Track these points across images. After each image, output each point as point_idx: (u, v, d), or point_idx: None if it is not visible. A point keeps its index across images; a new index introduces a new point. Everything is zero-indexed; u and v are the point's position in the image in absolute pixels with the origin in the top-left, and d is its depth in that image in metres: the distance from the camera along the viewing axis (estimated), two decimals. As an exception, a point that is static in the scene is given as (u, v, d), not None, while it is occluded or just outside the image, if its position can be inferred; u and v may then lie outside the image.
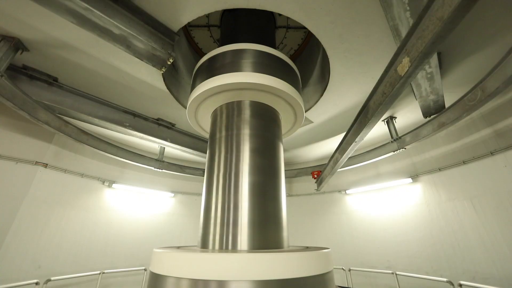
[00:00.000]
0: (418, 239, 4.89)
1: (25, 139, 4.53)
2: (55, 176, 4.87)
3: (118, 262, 5.39)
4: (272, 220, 2.44)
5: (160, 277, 1.90)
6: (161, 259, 1.98)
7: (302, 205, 7.35)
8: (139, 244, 5.92)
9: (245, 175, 2.55)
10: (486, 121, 4.18)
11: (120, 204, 6.00)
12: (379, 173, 6.10)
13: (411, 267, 4.78)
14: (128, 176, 6.31)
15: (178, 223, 6.90)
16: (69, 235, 4.89)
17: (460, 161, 4.48)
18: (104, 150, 5.08)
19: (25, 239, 4.23)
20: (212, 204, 2.49)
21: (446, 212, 4.59)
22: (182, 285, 1.76)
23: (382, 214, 5.72)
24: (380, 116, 2.67)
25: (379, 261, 5.33)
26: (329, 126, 5.51)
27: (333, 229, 6.49)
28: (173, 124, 5.58)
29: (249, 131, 2.86)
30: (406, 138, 4.64)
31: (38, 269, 4.24)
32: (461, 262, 4.16)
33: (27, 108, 3.46)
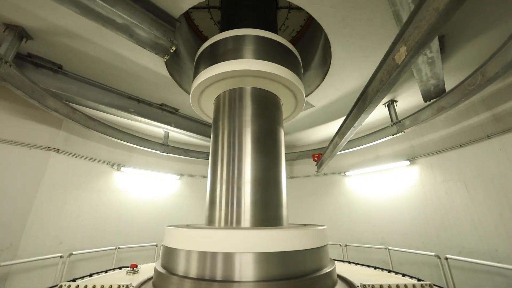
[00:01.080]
0: (412, 218, 5.17)
1: (36, 126, 4.71)
2: (67, 161, 5.12)
3: (131, 239, 5.83)
4: (273, 201, 2.65)
5: (173, 250, 2.15)
6: (173, 235, 2.22)
7: (303, 186, 7.64)
8: (149, 222, 6.33)
9: (247, 159, 2.71)
10: (485, 105, 4.21)
11: (129, 186, 6.32)
12: (379, 155, 6.25)
13: (403, 243, 5.12)
14: (136, 160, 6.57)
15: (184, 204, 7.29)
16: (84, 214, 5.26)
17: (457, 144, 4.59)
18: (111, 135, 5.26)
19: (46, 218, 4.59)
20: (217, 186, 2.69)
21: (440, 193, 4.80)
22: (192, 257, 2.01)
23: (379, 195, 5.97)
24: (377, 103, 2.75)
25: (374, 238, 5.69)
26: (330, 110, 5.57)
27: (332, 209, 6.82)
28: (177, 109, 5.68)
29: (251, 118, 2.98)
30: (406, 122, 4.72)
31: (59, 244, 4.65)
32: (449, 239, 4.45)
33: (37, 96, 3.59)
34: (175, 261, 2.09)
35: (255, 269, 1.84)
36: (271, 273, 1.85)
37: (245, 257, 1.87)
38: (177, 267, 2.06)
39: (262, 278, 1.81)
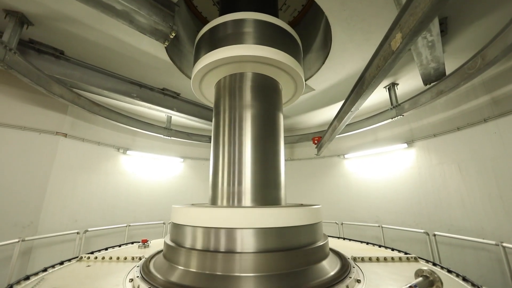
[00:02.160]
0: (406, 198, 5.41)
1: (43, 111, 4.84)
2: (75, 145, 5.32)
3: (140, 217, 6.21)
4: (272, 182, 2.83)
5: (180, 226, 2.38)
6: (180, 213, 2.44)
7: (303, 168, 7.86)
8: (156, 203, 6.69)
9: (248, 143, 2.86)
10: (486, 88, 4.21)
11: (136, 169, 6.59)
12: (377, 138, 6.35)
13: (396, 221, 5.40)
14: (140, 144, 6.77)
15: (188, 185, 7.61)
16: (95, 195, 5.58)
17: (454, 128, 4.66)
18: (116, 120, 5.41)
19: (61, 199, 4.91)
20: (219, 168, 2.86)
21: (434, 174, 4.97)
22: (198, 232, 2.24)
23: (376, 176, 6.18)
24: (373, 88, 2.81)
25: (369, 217, 5.99)
26: (331, 94, 5.59)
27: (330, 190, 7.09)
28: (178, 94, 5.74)
29: (251, 103, 3.07)
30: (405, 105, 4.76)
31: (75, 222, 5.02)
32: (440, 217, 4.70)
33: (42, 83, 3.68)
34: (183, 235, 2.33)
35: (255, 242, 2.06)
36: (269, 246, 2.07)
37: (246, 232, 2.08)
38: (184, 240, 2.30)
39: (260, 250, 2.04)
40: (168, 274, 2.12)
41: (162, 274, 2.15)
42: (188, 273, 2.05)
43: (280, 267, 2.00)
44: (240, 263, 1.96)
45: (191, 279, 1.99)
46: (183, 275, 2.05)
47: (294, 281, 1.95)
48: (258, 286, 1.85)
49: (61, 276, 2.43)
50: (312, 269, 2.14)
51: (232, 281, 1.89)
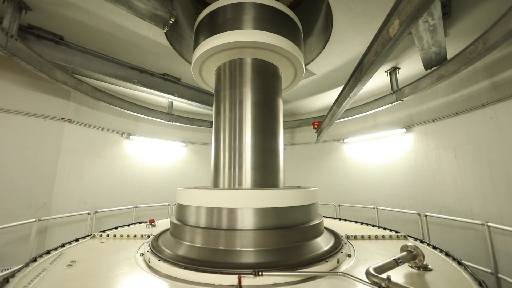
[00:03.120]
0: (401, 182, 5.58)
1: (47, 98, 4.92)
2: (80, 130, 5.46)
3: (145, 199, 6.50)
4: (271, 166, 2.97)
5: (185, 206, 2.56)
6: (185, 194, 2.61)
7: (303, 153, 8.01)
8: (161, 186, 6.95)
9: (248, 128, 2.96)
10: (487, 73, 4.18)
11: (139, 154, 6.78)
12: (377, 123, 6.40)
13: (392, 203, 5.62)
14: (143, 129, 6.89)
15: (191, 169, 7.83)
16: (102, 178, 5.81)
17: (453, 113, 4.69)
18: (118, 106, 5.48)
19: (70, 182, 5.14)
20: (221, 153, 3.00)
21: (430, 159, 5.08)
22: (201, 211, 2.42)
23: (374, 160, 6.32)
24: (371, 74, 2.84)
25: (366, 199, 6.22)
26: (331, 78, 5.56)
27: (329, 173, 7.29)
28: (179, 79, 5.75)
29: (251, 89, 3.12)
30: (405, 90, 4.76)
31: (85, 204, 5.29)
32: (433, 200, 4.90)
33: (45, 69, 3.72)
34: (188, 215, 2.51)
35: (254, 220, 2.24)
36: (267, 224, 2.25)
37: (246, 212, 2.25)
38: (189, 219, 2.49)
39: (259, 227, 2.22)
40: (175, 249, 2.33)
41: (170, 249, 2.36)
42: (194, 248, 2.26)
43: (277, 242, 2.19)
44: (241, 239, 2.15)
45: (196, 253, 2.19)
46: (189, 250, 2.25)
47: (289, 255, 2.15)
48: (257, 259, 2.05)
49: (78, 251, 2.67)
50: (307, 245, 2.34)
51: (234, 255, 2.09)
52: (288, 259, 2.09)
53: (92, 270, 2.12)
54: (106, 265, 2.24)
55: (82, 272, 2.07)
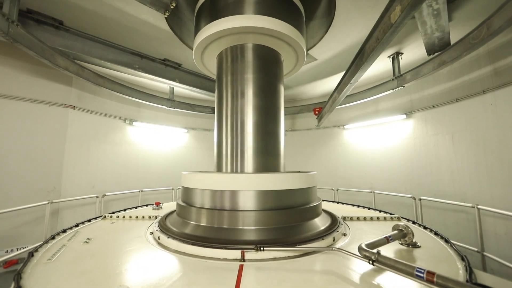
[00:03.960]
0: (399, 167, 5.72)
1: (49, 84, 4.95)
2: (83, 117, 5.54)
3: (150, 184, 6.72)
4: (272, 151, 3.08)
5: (191, 189, 2.71)
6: (190, 178, 2.74)
7: (304, 138, 8.11)
8: (164, 171, 7.15)
9: (250, 114, 3.03)
10: (490, 58, 4.14)
11: (143, 140, 6.91)
12: (378, 109, 6.43)
13: (389, 187, 5.80)
14: (145, 115, 6.95)
15: (193, 155, 7.99)
16: (107, 164, 5.98)
17: (453, 99, 4.71)
18: (120, 92, 5.51)
19: (77, 167, 5.31)
20: (223, 139, 3.09)
21: (428, 145, 5.18)
22: (206, 194, 2.56)
23: (373, 146, 6.43)
24: (372, 61, 2.86)
25: (364, 184, 6.41)
26: (333, 64, 5.52)
27: (329, 159, 7.43)
28: (180, 64, 5.72)
29: (252, 76, 3.16)
30: (407, 76, 4.75)
31: (92, 188, 5.50)
32: (429, 184, 5.06)
33: (47, 55, 3.74)
34: (193, 197, 2.66)
35: (255, 202, 2.38)
36: (268, 205, 2.40)
37: (248, 194, 2.40)
38: (195, 201, 2.64)
39: (260, 208, 2.37)
40: (183, 228, 2.50)
41: (178, 228, 2.54)
42: (199, 227, 2.43)
43: (277, 222, 2.35)
44: (244, 219, 2.31)
45: (202, 231, 2.36)
46: (195, 228, 2.42)
47: (289, 233, 2.31)
48: (259, 236, 2.22)
49: (92, 230, 2.86)
50: (305, 224, 2.50)
51: (237, 233, 2.26)
52: (287, 237, 2.26)
53: (107, 246, 2.31)
54: (119, 242, 2.42)
55: (98, 248, 2.25)
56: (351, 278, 1.64)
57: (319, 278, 1.70)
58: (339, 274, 1.70)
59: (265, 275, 1.68)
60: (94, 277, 1.68)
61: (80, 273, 1.75)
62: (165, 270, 1.81)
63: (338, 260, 1.92)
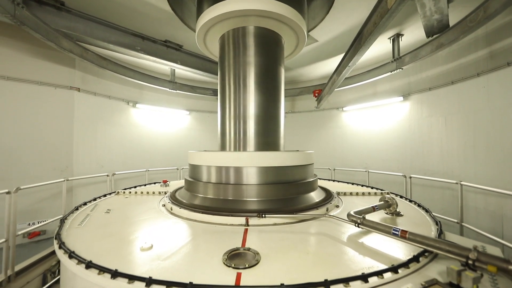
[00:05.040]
0: (393, 147, 5.98)
1: (53, 66, 5.03)
2: (88, 99, 5.67)
3: (155, 164, 7.02)
4: (272, 131, 3.29)
5: (197, 166, 2.96)
6: (197, 156, 2.99)
7: (303, 120, 8.29)
8: (168, 152, 7.43)
9: (251, 97, 3.20)
10: (487, 41, 4.19)
11: (146, 122, 7.09)
12: (377, 91, 6.53)
13: (383, 167, 6.10)
14: (147, 97, 7.06)
15: (195, 136, 8.22)
16: (114, 145, 6.22)
17: (449, 82, 4.82)
18: (123, 74, 5.59)
19: (86, 147, 5.56)
20: (227, 120, 3.29)
21: (423, 127, 5.38)
22: (211, 170, 2.82)
23: (370, 128, 6.64)
24: (369, 45, 2.97)
25: (359, 163, 6.71)
26: (334, 45, 5.54)
27: (327, 140, 7.68)
28: (181, 46, 5.73)
29: (254, 58, 3.27)
30: (406, 59, 4.82)
31: (101, 168, 5.79)
32: (420, 163, 5.34)
33: (52, 38, 3.80)
34: (200, 173, 2.93)
35: (257, 177, 2.65)
36: (268, 180, 2.67)
37: (250, 170, 2.65)
38: (201, 177, 2.91)
39: (262, 182, 2.64)
40: (192, 200, 2.79)
41: (187, 200, 2.83)
42: (207, 199, 2.72)
43: (277, 194, 2.63)
44: (247, 191, 2.58)
45: (209, 202, 2.65)
46: (203, 200, 2.71)
47: (287, 204, 2.60)
48: (260, 206, 2.51)
49: (109, 203, 3.16)
50: (302, 197, 2.79)
51: (241, 203, 2.55)
52: (286, 207, 2.55)
53: (126, 215, 2.61)
54: (136, 212, 2.73)
55: (118, 217, 2.55)
56: (340, 238, 1.94)
57: (312, 237, 2.00)
58: (330, 235, 2.00)
59: (267, 236, 1.98)
60: (121, 238, 1.98)
61: (108, 235, 2.05)
62: (180, 232, 2.12)
63: (330, 225, 2.22)
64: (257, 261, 1.52)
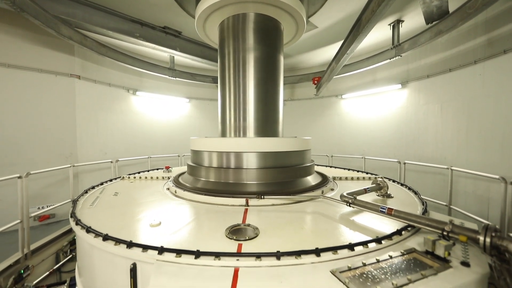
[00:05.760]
0: (390, 135, 6.11)
1: (53, 53, 5.02)
2: (89, 86, 5.70)
3: (157, 151, 7.16)
4: (271, 118, 3.39)
5: (199, 152, 3.10)
6: (199, 142, 3.11)
7: (302, 108, 8.35)
8: (169, 139, 7.56)
9: (251, 84, 3.27)
10: (486, 28, 4.18)
11: (147, 109, 7.16)
12: (376, 79, 6.56)
13: (379, 154, 6.26)
14: (147, 85, 7.08)
15: (195, 124, 8.31)
16: (116, 132, 6.33)
17: (447, 69, 4.86)
18: (123, 61, 5.59)
19: (89, 135, 5.67)
20: (227, 107, 3.38)
21: (419, 114, 5.48)
22: (213, 155, 2.95)
23: (368, 116, 6.73)
24: (367, 32, 3.01)
25: (356, 150, 6.87)
26: (334, 31, 5.50)
27: (325, 127, 7.79)
28: (180, 32, 5.68)
29: (253, 46, 3.31)
30: (405, 45, 4.83)
31: (105, 155, 5.93)
32: (415, 150, 5.50)
33: (51, 24, 3.80)
34: (202, 158, 3.07)
35: (257, 161, 2.79)
36: (267, 164, 2.81)
37: (250, 155, 2.79)
38: (203, 162, 3.05)
39: (261, 167, 2.78)
40: (195, 183, 2.95)
41: (190, 183, 2.98)
42: (209, 182, 2.87)
43: (275, 178, 2.78)
44: (247, 175, 2.74)
45: (211, 185, 2.81)
46: (205, 183, 2.87)
47: (285, 187, 2.77)
48: (260, 188, 2.67)
49: (116, 187, 3.32)
50: (299, 180, 2.95)
51: (241, 186, 2.71)
52: (283, 189, 2.71)
53: (133, 197, 2.78)
54: (143, 195, 2.89)
55: (126, 199, 2.72)
56: (333, 216, 2.11)
57: (307, 216, 2.17)
58: (324, 214, 2.17)
59: (265, 215, 2.14)
60: (130, 216, 2.14)
61: (118, 214, 2.22)
62: (185, 212, 2.29)
63: (324, 206, 2.39)
64: (256, 234, 1.68)
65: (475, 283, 1.21)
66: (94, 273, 1.82)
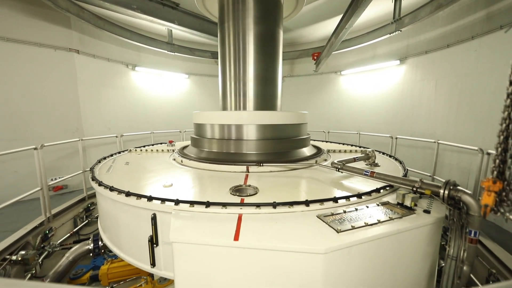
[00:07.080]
0: (386, 111, 6.28)
1: (49, 26, 4.94)
2: (88, 61, 5.69)
3: (159, 126, 7.35)
4: (270, 93, 3.54)
5: (202, 125, 3.30)
6: (202, 116, 3.31)
7: (301, 84, 8.38)
8: (170, 115, 7.70)
9: (251, 60, 3.37)
10: (486, 1, 4.16)
11: (147, 85, 7.19)
12: (376, 54, 6.54)
13: (374, 130, 6.49)
14: (146, 60, 7.02)
15: (195, 100, 8.38)
16: (117, 108, 6.45)
17: (445, 45, 4.89)
18: (120, 35, 5.52)
19: (92, 111, 5.81)
20: (227, 82, 3.51)
21: (414, 90, 5.60)
22: (215, 127, 3.16)
23: (365, 92, 6.83)
24: (365, 6, 3.04)
25: (353, 126, 7.09)
26: (334, 4, 5.37)
27: (323, 103, 7.92)
28: (177, 4, 5.53)
29: (253, 20, 3.34)
30: (405, 20, 4.80)
31: (109, 130, 6.12)
32: (409, 126, 5.72)
33: (48, -5, 3.74)
34: (204, 131, 3.28)
35: (256, 133, 3.01)
36: (266, 136, 3.04)
37: (250, 127, 3.00)
38: (206, 134, 3.27)
39: (260, 138, 3.01)
40: (199, 154, 3.20)
41: (194, 154, 3.24)
42: (212, 152, 3.12)
43: (273, 148, 3.03)
44: (247, 146, 2.98)
45: (214, 155, 3.06)
46: (209, 153, 3.12)
47: (282, 156, 3.03)
48: (259, 158, 2.93)
49: (125, 158, 3.58)
50: (295, 151, 3.21)
51: (242, 155, 2.97)
52: (280, 158, 2.98)
53: (143, 166, 3.04)
54: (152, 164, 3.16)
55: (137, 167, 2.98)
56: (324, 180, 2.39)
57: (301, 180, 2.45)
58: (316, 178, 2.45)
59: (264, 179, 2.42)
60: (144, 180, 2.42)
61: (133, 178, 2.49)
62: (192, 177, 2.56)
63: (317, 172, 2.66)
64: (256, 192, 1.97)
65: (431, 225, 1.51)
66: (118, 226, 2.14)
